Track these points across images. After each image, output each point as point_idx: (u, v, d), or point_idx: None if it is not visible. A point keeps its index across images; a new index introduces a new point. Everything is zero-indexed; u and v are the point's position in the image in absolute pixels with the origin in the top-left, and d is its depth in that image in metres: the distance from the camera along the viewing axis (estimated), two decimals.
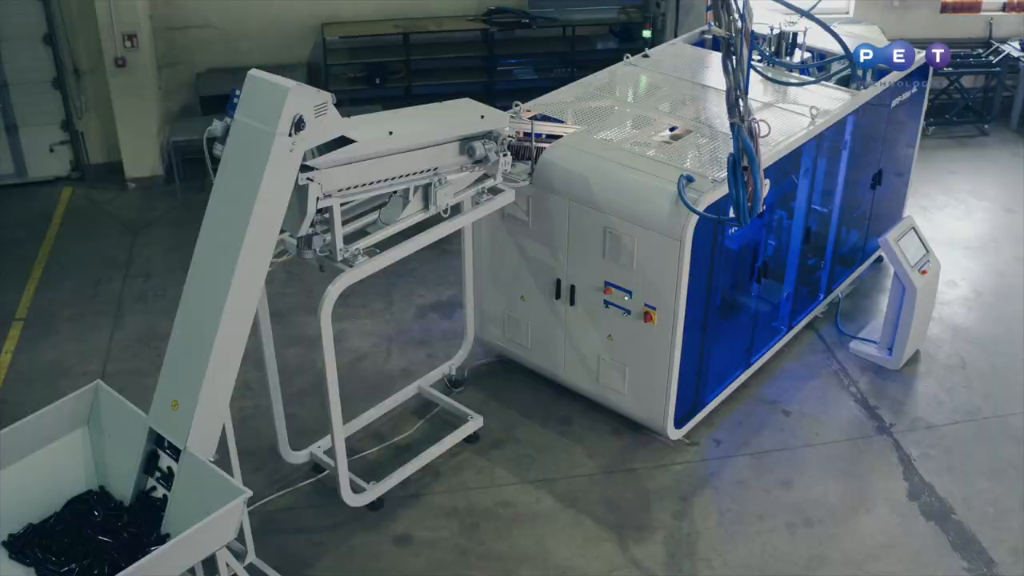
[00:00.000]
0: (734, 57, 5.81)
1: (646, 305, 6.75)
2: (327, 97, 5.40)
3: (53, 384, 7.85)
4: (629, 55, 8.49)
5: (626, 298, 6.84)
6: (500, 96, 10.15)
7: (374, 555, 6.55)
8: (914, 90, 8.70)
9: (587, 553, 6.54)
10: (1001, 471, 7.20)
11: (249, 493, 5.27)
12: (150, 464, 5.73)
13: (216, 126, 5.55)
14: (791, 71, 8.31)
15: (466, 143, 6.33)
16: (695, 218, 6.31)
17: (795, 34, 8.36)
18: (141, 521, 5.62)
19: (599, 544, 6.62)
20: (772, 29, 8.41)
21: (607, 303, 6.97)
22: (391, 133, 5.84)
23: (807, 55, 8.52)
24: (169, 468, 5.63)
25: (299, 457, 7.06)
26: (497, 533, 6.70)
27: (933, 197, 10.68)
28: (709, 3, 9.30)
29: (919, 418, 7.70)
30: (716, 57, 7.91)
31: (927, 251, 8.02)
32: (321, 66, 11.20)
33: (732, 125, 5.72)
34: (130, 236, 10.10)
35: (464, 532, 6.71)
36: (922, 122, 9.18)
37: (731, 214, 6.10)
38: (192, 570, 5.74)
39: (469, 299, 7.74)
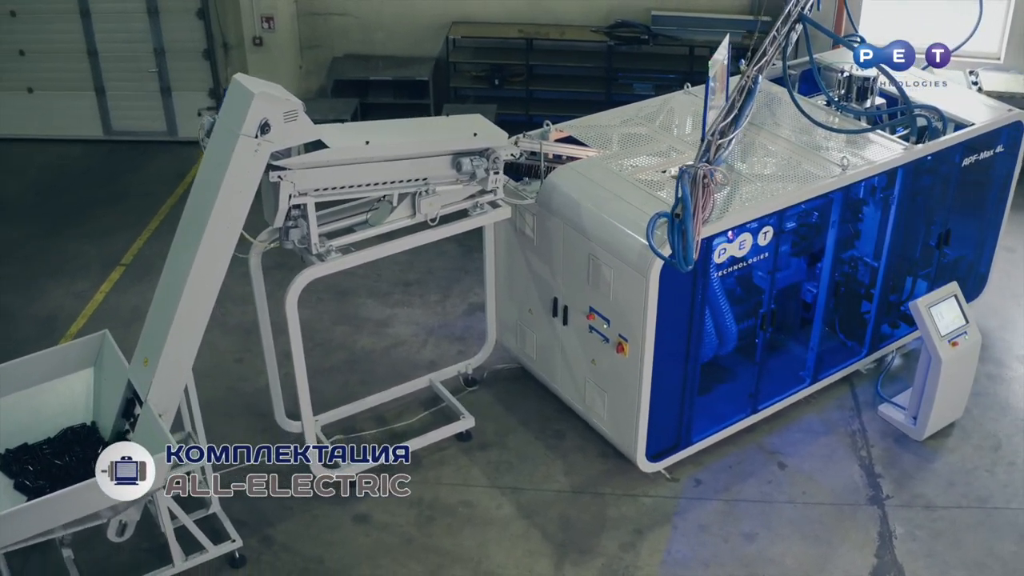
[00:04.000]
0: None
1: (620, 336, 6.83)
2: (297, 105, 5.88)
3: (127, 327, 8.79)
4: (689, 84, 8.45)
5: (605, 326, 6.95)
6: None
7: (331, 527, 7.05)
8: (998, 149, 8.14)
9: (521, 565, 6.76)
10: (985, 567, 6.76)
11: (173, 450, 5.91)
12: (128, 410, 6.48)
13: (205, 122, 6.13)
14: (859, 118, 8.00)
15: (457, 158, 6.64)
16: None
17: (867, 79, 8.02)
18: None
19: (537, 559, 6.81)
20: (842, 72, 8.13)
21: (591, 328, 7.10)
22: (368, 143, 6.26)
23: (881, 102, 8.17)
24: (138, 415, 6.36)
25: (294, 426, 7.62)
26: (448, 529, 7.03)
27: None
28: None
29: (921, 495, 7.32)
30: (785, 94, 7.78)
31: (966, 322, 7.55)
32: (446, 63, 11.73)
33: (681, 169, 5.74)
34: None
35: (418, 523, 7.08)
36: (1014, 184, 8.53)
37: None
38: (154, 516, 6.45)
39: (491, 304, 8.06)
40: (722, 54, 6.58)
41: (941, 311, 7.48)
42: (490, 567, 6.74)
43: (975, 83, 10.59)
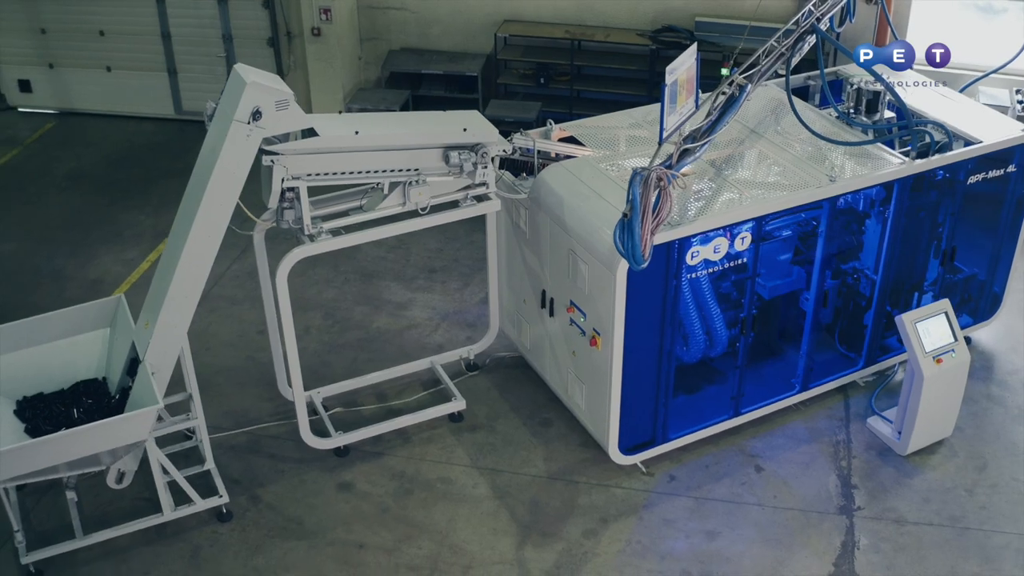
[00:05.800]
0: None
1: (594, 329, 7.09)
2: (288, 94, 6.32)
3: None
4: (701, 91, 8.58)
5: (582, 319, 7.22)
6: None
7: (315, 492, 7.50)
8: (1010, 169, 8.06)
9: (484, 541, 7.09)
10: None
11: (159, 406, 6.45)
12: (132, 368, 7.04)
13: (209, 107, 6.62)
14: (866, 131, 8.04)
15: (447, 151, 7.00)
16: None
17: (877, 93, 8.05)
18: (115, 411, 6.95)
19: (501, 537, 7.13)
20: (851, 85, 8.18)
21: (571, 321, 7.37)
22: (357, 132, 6.66)
23: (891, 115, 8.18)
24: None
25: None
26: (422, 503, 7.41)
27: None
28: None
29: (892, 509, 7.36)
30: (800, 105, 7.90)
31: (955, 340, 7.54)
32: (495, 60, 12.08)
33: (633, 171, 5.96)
34: None
35: (396, 494, 7.48)
36: None
37: None
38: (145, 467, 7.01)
39: (493, 293, 8.39)
40: (687, 60, 6.76)
41: (928, 327, 7.48)
42: (455, 541, 7.09)
43: (1021, 102, 10.41)
